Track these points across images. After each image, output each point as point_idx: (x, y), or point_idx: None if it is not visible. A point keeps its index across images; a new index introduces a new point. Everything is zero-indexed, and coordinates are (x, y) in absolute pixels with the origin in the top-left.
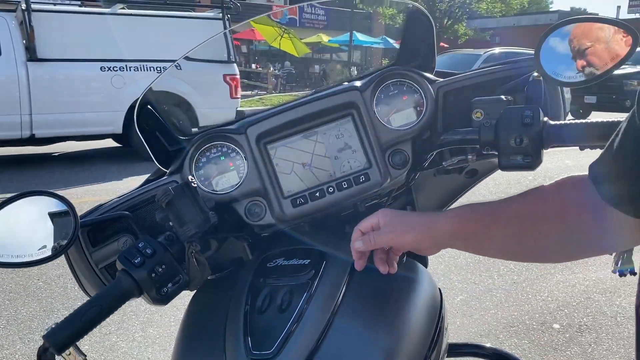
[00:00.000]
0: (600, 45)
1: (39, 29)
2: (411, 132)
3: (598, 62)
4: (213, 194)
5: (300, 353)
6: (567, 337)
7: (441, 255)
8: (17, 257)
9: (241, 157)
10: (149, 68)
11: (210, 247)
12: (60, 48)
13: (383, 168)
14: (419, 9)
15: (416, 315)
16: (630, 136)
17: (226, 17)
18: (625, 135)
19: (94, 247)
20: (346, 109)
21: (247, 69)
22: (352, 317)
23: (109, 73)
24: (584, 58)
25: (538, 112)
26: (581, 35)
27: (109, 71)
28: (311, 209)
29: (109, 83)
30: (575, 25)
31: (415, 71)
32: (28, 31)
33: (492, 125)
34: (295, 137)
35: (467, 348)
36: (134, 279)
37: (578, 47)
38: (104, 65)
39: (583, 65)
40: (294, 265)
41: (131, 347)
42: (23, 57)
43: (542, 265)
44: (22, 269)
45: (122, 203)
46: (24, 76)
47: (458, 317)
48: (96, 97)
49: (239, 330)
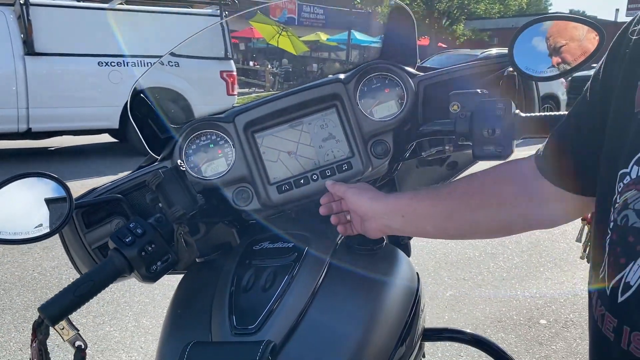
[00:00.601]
0: (574, 43)
1: (37, 23)
2: (392, 124)
3: (571, 58)
4: (202, 180)
5: (280, 329)
6: (553, 332)
7: (432, 251)
8: (14, 234)
9: (229, 145)
10: (146, 64)
11: (199, 230)
12: (58, 42)
13: (365, 157)
14: (401, 6)
15: (392, 298)
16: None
17: (224, 14)
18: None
19: (88, 228)
20: (331, 100)
21: (244, 67)
22: (331, 298)
23: (107, 68)
24: (559, 55)
25: (510, 105)
26: (557, 34)
27: (106, 66)
28: (296, 196)
29: (106, 78)
30: (552, 23)
31: (397, 65)
32: (26, 25)
33: (467, 117)
34: (281, 126)
35: (447, 332)
36: (125, 257)
37: (554, 44)
38: (102, 60)
39: (558, 62)
40: (279, 248)
41: (124, 337)
42: (20, 51)
43: (531, 263)
44: (19, 260)
45: (115, 187)
46: (21, 70)
47: (447, 311)
48: (93, 92)
49: (224, 308)
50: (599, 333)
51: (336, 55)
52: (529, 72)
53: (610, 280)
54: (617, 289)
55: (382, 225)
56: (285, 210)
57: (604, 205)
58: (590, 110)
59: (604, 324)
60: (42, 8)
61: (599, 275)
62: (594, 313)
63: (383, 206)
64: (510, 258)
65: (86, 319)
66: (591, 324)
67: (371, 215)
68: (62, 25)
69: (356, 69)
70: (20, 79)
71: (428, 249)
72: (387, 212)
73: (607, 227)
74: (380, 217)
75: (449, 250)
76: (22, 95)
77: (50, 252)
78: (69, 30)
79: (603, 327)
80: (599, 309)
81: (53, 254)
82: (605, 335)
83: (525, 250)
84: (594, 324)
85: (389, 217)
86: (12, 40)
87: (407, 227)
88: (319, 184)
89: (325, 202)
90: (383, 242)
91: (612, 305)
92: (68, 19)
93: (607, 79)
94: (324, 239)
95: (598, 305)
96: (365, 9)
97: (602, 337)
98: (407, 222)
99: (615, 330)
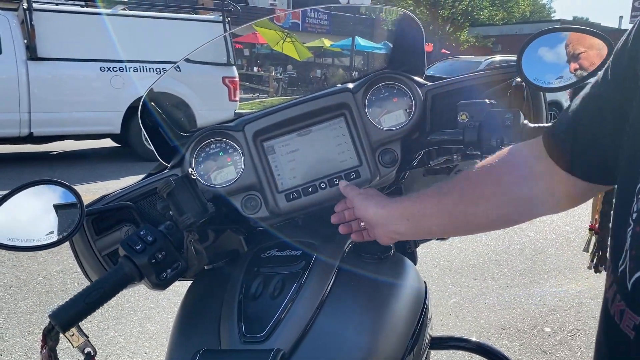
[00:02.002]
0: (592, 51)
1: (40, 28)
2: (400, 133)
3: (588, 65)
4: (211, 188)
5: (289, 337)
6: (558, 341)
7: (436, 259)
8: (26, 242)
9: (239, 153)
10: (148, 69)
11: (208, 237)
12: (61, 47)
13: (373, 166)
14: (409, 16)
15: (400, 307)
16: (591, 99)
17: (226, 20)
18: (584, 98)
19: (98, 235)
20: (339, 109)
21: (248, 72)
22: (339, 306)
23: (109, 73)
24: (577, 61)
25: (518, 115)
26: (576, 42)
27: (108, 71)
28: (304, 204)
29: (108, 83)
30: (565, 33)
31: (405, 75)
32: (29, 30)
33: (476, 127)
34: (290, 135)
35: (452, 341)
36: (135, 264)
37: (573, 51)
38: (104, 66)
39: (575, 68)
40: (287, 256)
41: (129, 342)
42: (23, 56)
43: (535, 270)
44: (24, 264)
45: (125, 194)
46: (23, 74)
47: (451, 318)
48: (95, 96)
49: (233, 316)
50: (616, 330)
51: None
52: (538, 82)
53: (633, 274)
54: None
55: (390, 232)
56: (293, 218)
57: (626, 194)
58: (612, 91)
59: (622, 320)
60: (45, 13)
61: (619, 269)
62: (611, 309)
63: (387, 212)
64: (515, 265)
65: (91, 324)
66: (605, 321)
67: (378, 222)
68: (64, 30)
69: (364, 78)
70: (23, 83)
71: (432, 256)
72: (392, 218)
73: (629, 218)
74: (387, 224)
75: (453, 257)
76: (24, 99)
77: (56, 256)
78: (71, 35)
79: (622, 323)
80: (618, 304)
81: (58, 259)
82: (623, 333)
83: (529, 257)
84: (609, 321)
85: (394, 223)
86: (15, 45)
87: (414, 230)
88: (327, 192)
89: (340, 210)
90: (390, 250)
91: (634, 300)
92: (71, 24)
93: (635, 57)
94: (332, 247)
95: (617, 301)
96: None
97: (620, 334)
98: (413, 225)
99: (636, 328)
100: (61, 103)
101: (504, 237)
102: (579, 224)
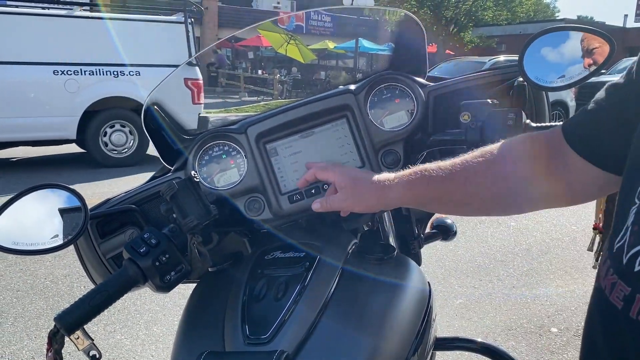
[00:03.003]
0: (605, 47)
1: None
2: (403, 134)
3: (601, 59)
4: (214, 190)
5: (293, 339)
6: (565, 341)
7: (441, 259)
8: (31, 245)
9: (241, 156)
10: (105, 72)
11: (212, 240)
12: (13, 50)
13: (375, 167)
14: (410, 17)
15: (404, 307)
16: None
17: (189, 21)
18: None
19: (102, 238)
20: (341, 110)
21: (253, 75)
22: (343, 307)
23: (62, 77)
24: (591, 56)
25: (521, 115)
26: (591, 37)
27: (62, 75)
28: (307, 205)
29: (62, 87)
30: (565, 33)
31: (407, 76)
32: None
33: (478, 127)
34: (293, 137)
35: (458, 342)
36: (139, 267)
37: (587, 46)
38: (57, 69)
39: (590, 63)
40: (290, 258)
41: (135, 345)
42: None
43: (541, 270)
44: (31, 268)
45: (129, 197)
46: None
47: (457, 319)
48: (49, 101)
49: (237, 317)
50: (605, 301)
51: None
52: (539, 82)
53: (630, 249)
54: (636, 258)
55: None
56: (296, 220)
57: (634, 173)
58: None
59: (613, 291)
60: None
61: (616, 244)
62: (602, 282)
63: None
64: (521, 265)
65: (97, 327)
66: (595, 294)
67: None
68: (18, 33)
69: (366, 79)
70: None
71: (437, 257)
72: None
73: (635, 197)
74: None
75: (459, 258)
76: None
77: (62, 260)
78: (25, 38)
79: (611, 295)
80: (610, 277)
81: (64, 262)
82: (612, 304)
83: (535, 257)
84: (599, 293)
85: (395, 206)
86: None
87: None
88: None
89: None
90: (394, 251)
91: (627, 273)
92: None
93: None
94: (335, 248)
95: (609, 274)
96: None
97: (609, 305)
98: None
99: (625, 298)
100: (12, 108)
101: (510, 237)
102: (585, 224)
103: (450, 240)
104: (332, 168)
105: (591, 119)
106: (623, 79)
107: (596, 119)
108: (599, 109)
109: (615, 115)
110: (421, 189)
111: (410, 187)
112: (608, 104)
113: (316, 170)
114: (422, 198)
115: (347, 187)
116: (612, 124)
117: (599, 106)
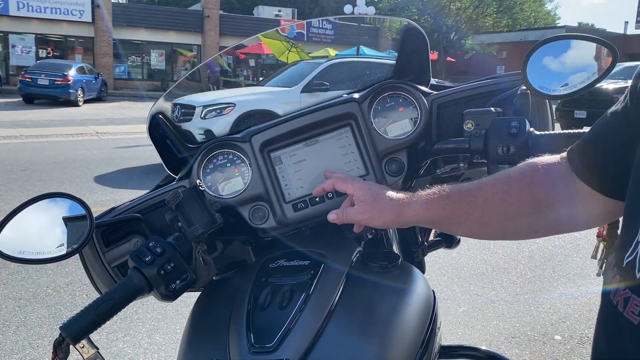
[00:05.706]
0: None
1: None
2: (406, 142)
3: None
4: (219, 199)
5: (298, 347)
6: (568, 349)
7: (444, 267)
8: (36, 254)
9: (246, 164)
10: None
11: (217, 248)
12: None
13: (379, 175)
14: (413, 26)
15: (409, 315)
16: (613, 119)
17: None
18: (607, 117)
19: (107, 247)
20: (345, 119)
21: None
22: (348, 315)
23: None
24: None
25: (524, 123)
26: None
27: None
28: (312, 214)
29: None
30: (568, 42)
31: (410, 84)
32: None
33: (482, 135)
34: (297, 145)
35: (462, 350)
36: (144, 275)
37: (590, 55)
38: None
39: (593, 72)
40: (295, 266)
41: (137, 354)
42: None
43: (544, 278)
44: (33, 277)
45: (134, 206)
46: None
47: (460, 327)
48: None
49: (242, 326)
50: (619, 318)
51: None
52: (543, 90)
53: None
54: None
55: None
56: (301, 228)
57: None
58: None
59: (627, 307)
60: None
61: (625, 259)
62: (613, 298)
63: (399, 224)
64: (524, 273)
65: (99, 335)
66: (606, 309)
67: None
68: None
69: (370, 88)
70: None
71: (440, 265)
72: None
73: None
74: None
75: (462, 265)
76: None
77: (64, 268)
78: None
79: (625, 310)
80: (623, 292)
81: (67, 271)
82: (627, 319)
83: (538, 265)
84: (610, 308)
85: (412, 225)
86: None
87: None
88: (334, 202)
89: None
90: (399, 259)
91: None
92: None
93: None
94: (340, 256)
95: (621, 289)
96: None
97: (623, 320)
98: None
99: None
100: None
101: (513, 245)
102: (588, 231)
103: (454, 247)
104: (351, 180)
105: (594, 148)
106: (620, 105)
107: (599, 149)
108: (600, 137)
109: (617, 142)
110: (439, 209)
111: (428, 206)
112: (609, 131)
113: (335, 181)
114: (439, 217)
115: (367, 201)
116: (615, 151)
117: (600, 134)
